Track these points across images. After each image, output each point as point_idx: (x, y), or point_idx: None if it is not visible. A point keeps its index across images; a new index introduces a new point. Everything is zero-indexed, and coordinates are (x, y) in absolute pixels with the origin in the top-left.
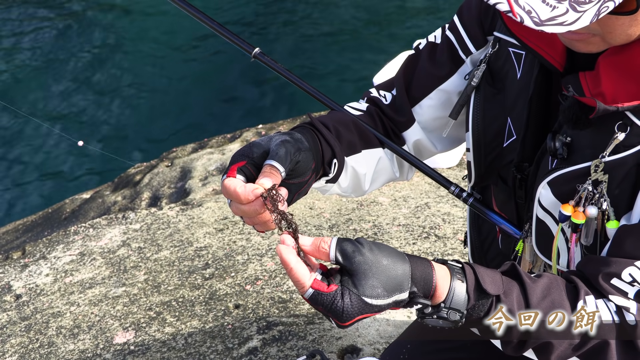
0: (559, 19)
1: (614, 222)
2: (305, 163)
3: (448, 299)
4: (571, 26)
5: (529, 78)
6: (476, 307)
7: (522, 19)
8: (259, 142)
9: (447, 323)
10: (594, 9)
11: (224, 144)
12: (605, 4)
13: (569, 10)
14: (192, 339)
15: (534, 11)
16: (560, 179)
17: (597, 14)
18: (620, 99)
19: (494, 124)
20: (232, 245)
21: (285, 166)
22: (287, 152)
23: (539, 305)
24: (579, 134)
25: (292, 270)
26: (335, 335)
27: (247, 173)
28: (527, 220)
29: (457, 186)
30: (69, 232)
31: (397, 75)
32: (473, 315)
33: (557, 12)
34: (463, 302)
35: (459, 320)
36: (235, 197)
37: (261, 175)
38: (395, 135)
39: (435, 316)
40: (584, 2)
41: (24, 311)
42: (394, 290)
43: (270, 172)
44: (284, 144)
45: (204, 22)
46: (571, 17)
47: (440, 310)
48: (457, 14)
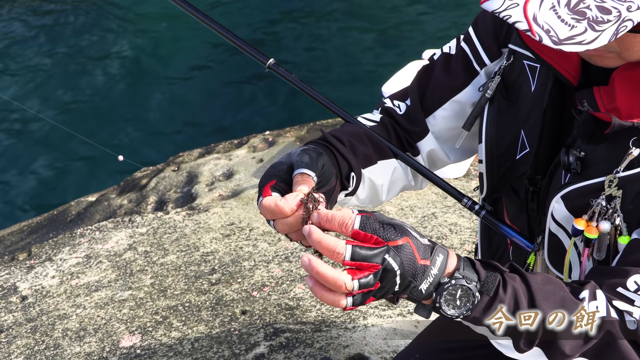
0: (577, 38)
1: (626, 238)
2: (329, 168)
3: (460, 266)
4: (589, 45)
5: (543, 91)
6: (487, 281)
7: (540, 38)
8: (280, 161)
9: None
10: (612, 28)
11: (231, 150)
12: (623, 24)
13: (587, 30)
14: (198, 344)
15: (553, 30)
16: (574, 194)
17: (615, 33)
18: (635, 115)
19: (507, 136)
20: (239, 251)
21: (315, 171)
22: (311, 158)
23: (541, 289)
24: (593, 148)
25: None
26: (343, 344)
27: (279, 190)
28: (539, 233)
29: (470, 199)
30: (75, 234)
31: (412, 86)
32: (484, 292)
33: (576, 32)
34: (475, 275)
35: (475, 287)
36: (279, 211)
37: (295, 185)
38: (410, 146)
39: (453, 282)
40: (603, 21)
41: (30, 313)
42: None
43: (302, 179)
44: (306, 152)
45: (220, 34)
46: (590, 36)
47: (455, 276)
48: (472, 25)
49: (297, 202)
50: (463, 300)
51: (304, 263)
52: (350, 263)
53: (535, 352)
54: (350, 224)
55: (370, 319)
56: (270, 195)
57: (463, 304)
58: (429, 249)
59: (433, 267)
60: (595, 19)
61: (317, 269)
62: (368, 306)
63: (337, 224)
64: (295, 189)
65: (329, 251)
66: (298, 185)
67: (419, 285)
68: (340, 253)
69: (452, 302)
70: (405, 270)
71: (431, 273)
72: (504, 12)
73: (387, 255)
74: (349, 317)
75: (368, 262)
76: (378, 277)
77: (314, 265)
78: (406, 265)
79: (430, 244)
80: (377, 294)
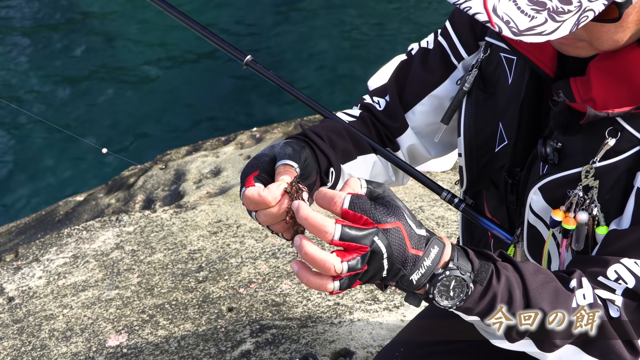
0: (537, 29)
1: (603, 228)
2: (311, 162)
3: (454, 256)
4: (550, 36)
5: (520, 83)
6: (481, 271)
7: (500, 29)
8: (262, 153)
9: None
10: (573, 18)
11: (219, 147)
12: (584, 14)
13: (547, 20)
14: (185, 342)
15: (513, 21)
16: (551, 185)
17: (576, 23)
18: (610, 105)
19: (486, 129)
20: (226, 248)
21: (298, 162)
22: (294, 150)
23: (532, 278)
24: (570, 139)
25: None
26: (329, 339)
27: (262, 181)
28: (519, 225)
29: (449, 192)
30: (63, 234)
31: (390, 81)
32: (477, 282)
33: (536, 22)
34: (469, 265)
35: (470, 277)
36: (262, 202)
37: (278, 176)
38: (390, 141)
39: (447, 273)
40: (563, 11)
41: (17, 314)
42: (417, 224)
43: (285, 170)
44: (289, 144)
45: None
46: (550, 27)
47: (449, 267)
48: (449, 19)
49: (280, 191)
50: (457, 291)
51: (296, 242)
52: (338, 243)
53: (526, 341)
54: (340, 202)
55: (357, 313)
56: (254, 185)
57: (457, 295)
58: (423, 240)
59: (426, 259)
60: (555, 10)
61: (307, 249)
62: (354, 301)
63: (327, 201)
64: (277, 180)
65: (317, 229)
66: (281, 175)
67: (409, 275)
68: (328, 232)
69: (446, 293)
70: (394, 255)
71: (424, 264)
72: (464, 3)
73: (375, 237)
74: (335, 312)
75: (356, 243)
76: (366, 259)
77: (304, 245)
78: (395, 250)
79: (427, 234)
80: (364, 278)
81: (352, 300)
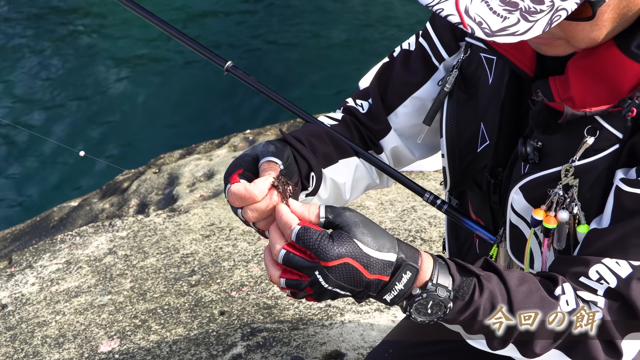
0: (510, 29)
1: (584, 227)
2: (293, 163)
3: (434, 276)
4: (523, 36)
5: (500, 83)
6: (462, 286)
7: (473, 31)
8: (245, 153)
9: (436, 307)
10: (545, 18)
11: (212, 150)
12: (557, 13)
13: (520, 21)
14: (176, 347)
15: (485, 22)
16: (532, 184)
17: (549, 23)
18: (589, 104)
19: (468, 130)
20: (219, 252)
21: (281, 159)
22: (277, 148)
23: (517, 289)
24: (550, 138)
25: (280, 213)
26: (320, 341)
27: (247, 178)
28: (502, 225)
29: (432, 193)
30: (56, 240)
31: (372, 84)
32: (458, 297)
33: (508, 23)
34: (449, 281)
35: (448, 298)
36: (249, 196)
37: (263, 172)
38: (373, 144)
39: (424, 295)
40: (535, 11)
41: (10, 321)
42: (382, 247)
43: (270, 167)
44: (271, 143)
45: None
46: (523, 27)
47: (427, 288)
48: (430, 20)
49: (267, 185)
50: (434, 309)
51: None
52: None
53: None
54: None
55: (347, 315)
56: (239, 182)
57: (434, 312)
58: (389, 265)
59: (398, 283)
60: (527, 10)
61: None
62: (345, 302)
63: (283, 225)
64: (263, 175)
65: (282, 223)
66: (266, 172)
67: (381, 295)
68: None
69: (423, 311)
70: (345, 286)
71: (395, 288)
72: (436, 5)
73: (316, 272)
74: (326, 314)
75: (299, 270)
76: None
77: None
78: (345, 282)
79: (398, 258)
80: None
81: (343, 301)
